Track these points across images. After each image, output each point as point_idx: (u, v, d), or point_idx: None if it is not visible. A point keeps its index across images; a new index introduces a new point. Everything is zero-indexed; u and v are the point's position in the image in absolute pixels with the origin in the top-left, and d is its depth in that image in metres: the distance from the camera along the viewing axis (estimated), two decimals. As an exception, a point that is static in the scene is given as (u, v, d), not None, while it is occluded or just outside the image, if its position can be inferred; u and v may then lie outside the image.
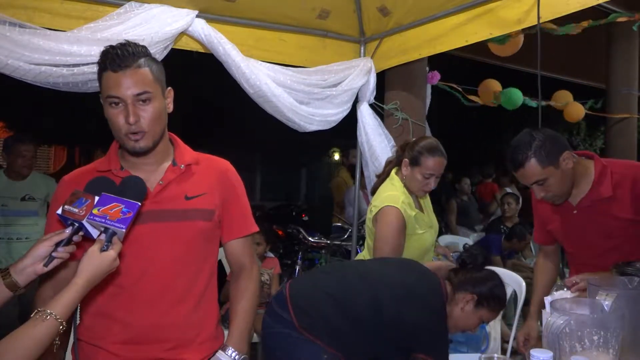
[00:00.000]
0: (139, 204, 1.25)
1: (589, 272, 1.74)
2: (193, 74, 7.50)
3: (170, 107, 1.50)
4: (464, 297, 1.83)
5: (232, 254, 1.64)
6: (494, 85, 5.17)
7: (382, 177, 2.52)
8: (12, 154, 3.51)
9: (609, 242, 1.90)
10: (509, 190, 6.66)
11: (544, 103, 5.78)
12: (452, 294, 1.86)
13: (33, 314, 1.14)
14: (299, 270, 4.75)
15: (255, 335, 3.45)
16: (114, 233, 1.22)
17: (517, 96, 5.22)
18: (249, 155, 12.59)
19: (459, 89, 4.83)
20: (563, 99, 5.96)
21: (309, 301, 1.80)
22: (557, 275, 2.27)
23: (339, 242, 4.72)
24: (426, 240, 2.38)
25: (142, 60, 1.39)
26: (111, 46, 1.40)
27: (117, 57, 1.36)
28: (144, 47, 1.45)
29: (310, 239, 4.76)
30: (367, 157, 3.35)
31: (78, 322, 1.47)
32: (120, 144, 1.45)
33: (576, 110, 5.98)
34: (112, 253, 1.21)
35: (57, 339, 1.15)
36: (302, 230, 4.88)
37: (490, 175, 7.82)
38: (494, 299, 1.85)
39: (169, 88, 1.50)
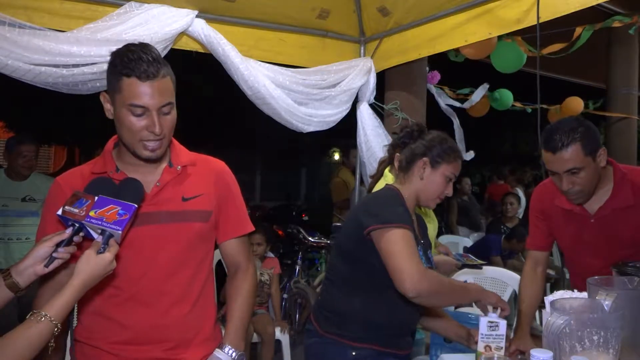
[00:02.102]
0: (136, 206, 1.25)
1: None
2: (193, 74, 7.50)
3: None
4: (417, 166, 1.78)
5: (228, 254, 1.64)
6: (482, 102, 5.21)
7: (376, 176, 2.53)
8: (13, 154, 3.51)
9: (623, 251, 1.85)
10: (518, 191, 6.64)
11: (545, 106, 5.80)
12: (403, 178, 1.82)
13: (28, 315, 1.13)
14: (299, 270, 4.75)
15: (255, 335, 3.46)
16: (111, 235, 1.22)
17: (507, 97, 5.25)
18: (249, 155, 12.60)
19: (448, 92, 4.83)
20: (576, 105, 5.94)
21: (321, 301, 1.82)
22: (544, 288, 2.19)
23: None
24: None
25: (165, 69, 1.36)
26: (130, 49, 1.34)
27: (144, 63, 1.31)
28: (156, 49, 1.41)
29: (310, 239, 4.76)
30: (365, 158, 3.35)
31: (76, 323, 1.47)
32: (130, 149, 1.42)
33: (575, 105, 5.94)
34: (108, 255, 1.21)
35: (52, 341, 1.14)
36: (302, 230, 4.88)
37: (504, 177, 7.82)
38: (444, 150, 1.78)
39: None
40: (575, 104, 5.92)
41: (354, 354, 1.66)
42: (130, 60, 1.32)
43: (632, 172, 1.89)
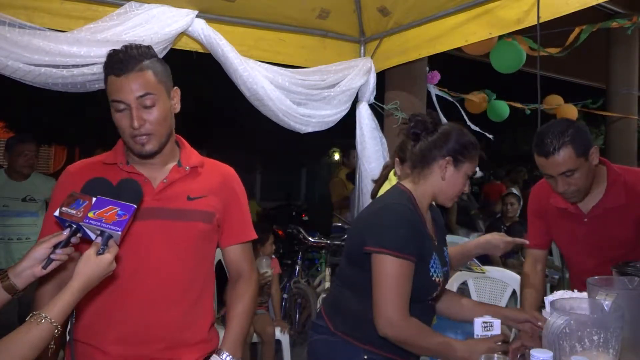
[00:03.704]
0: (135, 206, 1.25)
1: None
2: (193, 74, 7.48)
3: (177, 108, 1.51)
4: (438, 165, 1.65)
5: (230, 260, 1.64)
6: (482, 97, 5.23)
7: (380, 181, 2.51)
8: (14, 154, 3.52)
9: (616, 251, 1.86)
10: (514, 190, 6.65)
11: (543, 107, 5.80)
12: (418, 175, 1.69)
13: (28, 317, 1.13)
14: (298, 270, 4.75)
15: (255, 335, 3.46)
16: (110, 236, 1.22)
17: (503, 108, 5.27)
18: (249, 156, 12.56)
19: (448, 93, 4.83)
20: (554, 102, 5.96)
21: (334, 299, 1.77)
22: (544, 285, 2.20)
23: (339, 242, 4.72)
24: None
25: (145, 63, 1.39)
26: (114, 50, 1.40)
27: (120, 61, 1.37)
28: (149, 47, 1.46)
29: (310, 239, 4.75)
30: (361, 158, 3.35)
31: (74, 321, 1.47)
32: (127, 147, 1.46)
33: (569, 112, 5.98)
34: (108, 256, 1.21)
35: (52, 342, 1.14)
36: (302, 230, 4.87)
37: (501, 177, 7.84)
38: (466, 147, 1.66)
39: (175, 87, 1.50)
40: (570, 112, 5.94)
41: (365, 357, 1.62)
42: (111, 60, 1.39)
43: (625, 172, 1.90)
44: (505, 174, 8.02)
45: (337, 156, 10.93)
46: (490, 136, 3.89)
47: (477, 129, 3.88)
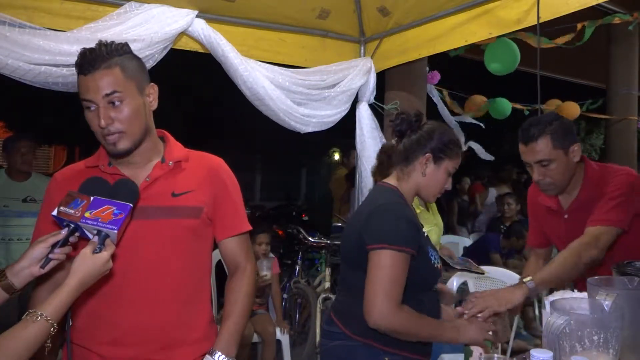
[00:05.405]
0: (131, 205, 1.24)
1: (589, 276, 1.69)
2: (193, 74, 7.49)
3: (154, 104, 1.48)
4: (419, 162, 1.69)
5: (226, 253, 1.61)
6: (480, 99, 5.23)
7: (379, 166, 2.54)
8: (11, 152, 3.52)
9: None
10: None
11: (543, 107, 5.80)
12: (402, 171, 1.73)
13: (24, 315, 1.13)
14: (298, 270, 4.75)
15: (255, 335, 3.46)
16: (107, 235, 1.22)
17: (505, 106, 5.27)
18: (250, 156, 12.59)
19: (446, 95, 4.80)
20: (553, 104, 5.96)
21: (344, 306, 1.74)
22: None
23: (339, 242, 4.72)
24: (431, 238, 2.39)
25: (113, 60, 1.36)
26: (84, 48, 1.39)
27: (86, 60, 1.36)
28: (121, 44, 1.42)
29: (310, 239, 4.75)
30: (361, 158, 3.35)
31: (70, 324, 1.46)
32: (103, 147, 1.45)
33: (571, 110, 5.97)
34: (104, 255, 1.20)
35: (49, 341, 1.14)
36: (302, 230, 4.87)
37: (482, 178, 7.74)
38: (446, 144, 1.69)
39: (151, 84, 1.47)
40: (572, 109, 5.94)
41: (386, 359, 1.61)
42: (79, 59, 1.38)
43: (602, 169, 1.94)
44: (492, 173, 7.98)
45: (337, 156, 10.94)
46: (482, 124, 3.94)
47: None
